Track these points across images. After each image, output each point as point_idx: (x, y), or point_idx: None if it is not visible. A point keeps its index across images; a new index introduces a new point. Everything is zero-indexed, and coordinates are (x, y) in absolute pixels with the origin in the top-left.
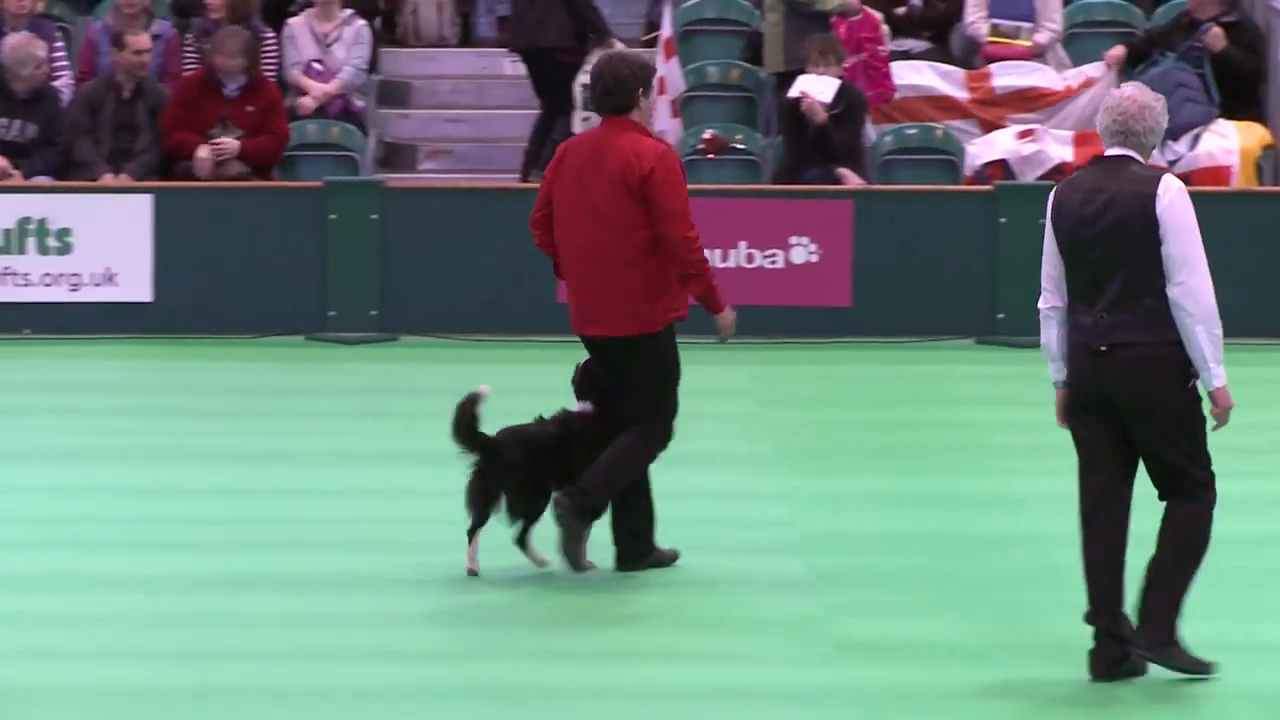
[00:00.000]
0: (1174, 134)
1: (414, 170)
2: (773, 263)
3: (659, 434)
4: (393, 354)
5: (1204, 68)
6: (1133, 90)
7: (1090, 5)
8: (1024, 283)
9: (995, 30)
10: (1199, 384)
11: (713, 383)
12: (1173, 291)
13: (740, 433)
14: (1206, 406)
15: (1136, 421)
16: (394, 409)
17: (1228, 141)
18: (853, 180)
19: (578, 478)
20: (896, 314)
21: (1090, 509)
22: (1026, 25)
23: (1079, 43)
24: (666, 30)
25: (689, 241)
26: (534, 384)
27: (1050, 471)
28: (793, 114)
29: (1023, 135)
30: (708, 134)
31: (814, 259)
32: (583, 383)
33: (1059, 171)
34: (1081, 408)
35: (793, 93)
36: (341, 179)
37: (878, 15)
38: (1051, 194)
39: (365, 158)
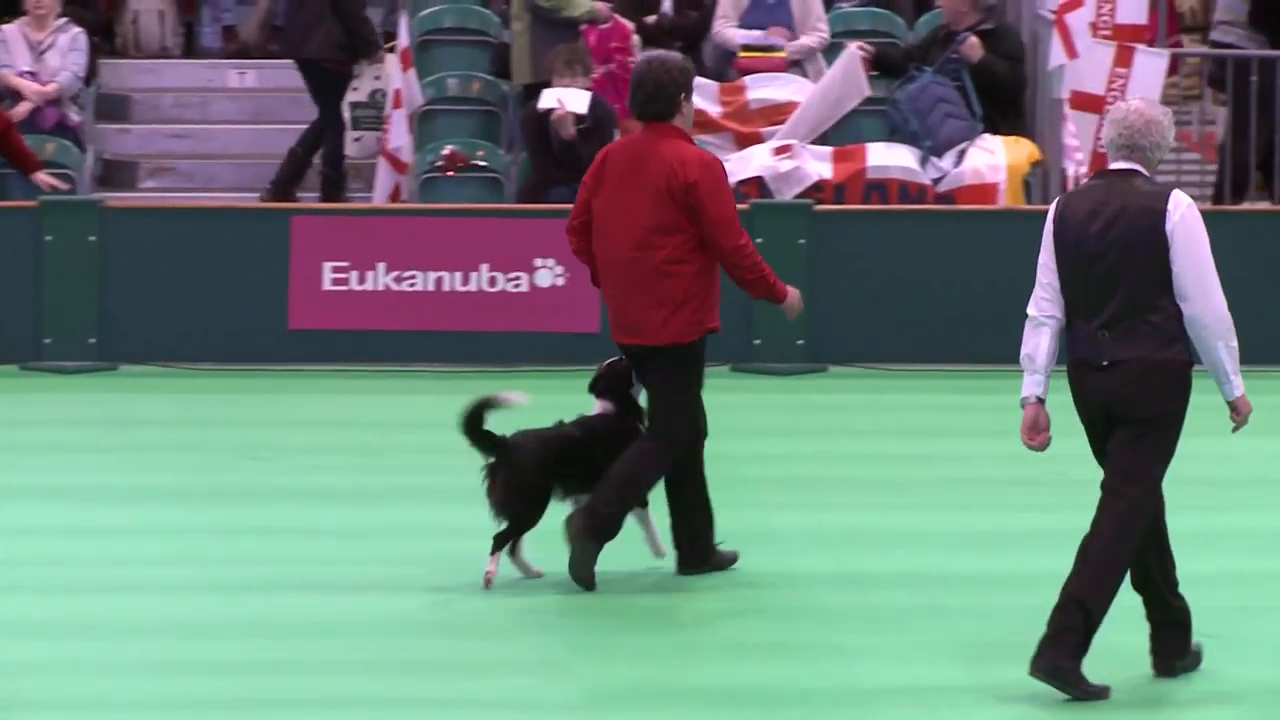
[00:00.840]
0: (938, 151)
1: (135, 189)
2: (516, 286)
3: (674, 442)
4: (112, 384)
5: (963, 80)
6: (1140, 104)
7: (850, 15)
8: (778, 308)
9: (747, 45)
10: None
11: (444, 413)
12: (1190, 310)
13: (474, 465)
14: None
15: (1125, 428)
16: (113, 442)
17: (994, 158)
18: None
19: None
20: None
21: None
22: (779, 40)
23: (839, 53)
24: (403, 40)
25: (741, 249)
26: (269, 416)
27: (808, 506)
28: (538, 128)
29: (780, 151)
30: (447, 150)
31: (560, 282)
32: (605, 383)
33: (817, 189)
34: (1088, 427)
35: (544, 104)
36: (57, 198)
37: (629, 24)
38: (1053, 205)
39: (83, 176)
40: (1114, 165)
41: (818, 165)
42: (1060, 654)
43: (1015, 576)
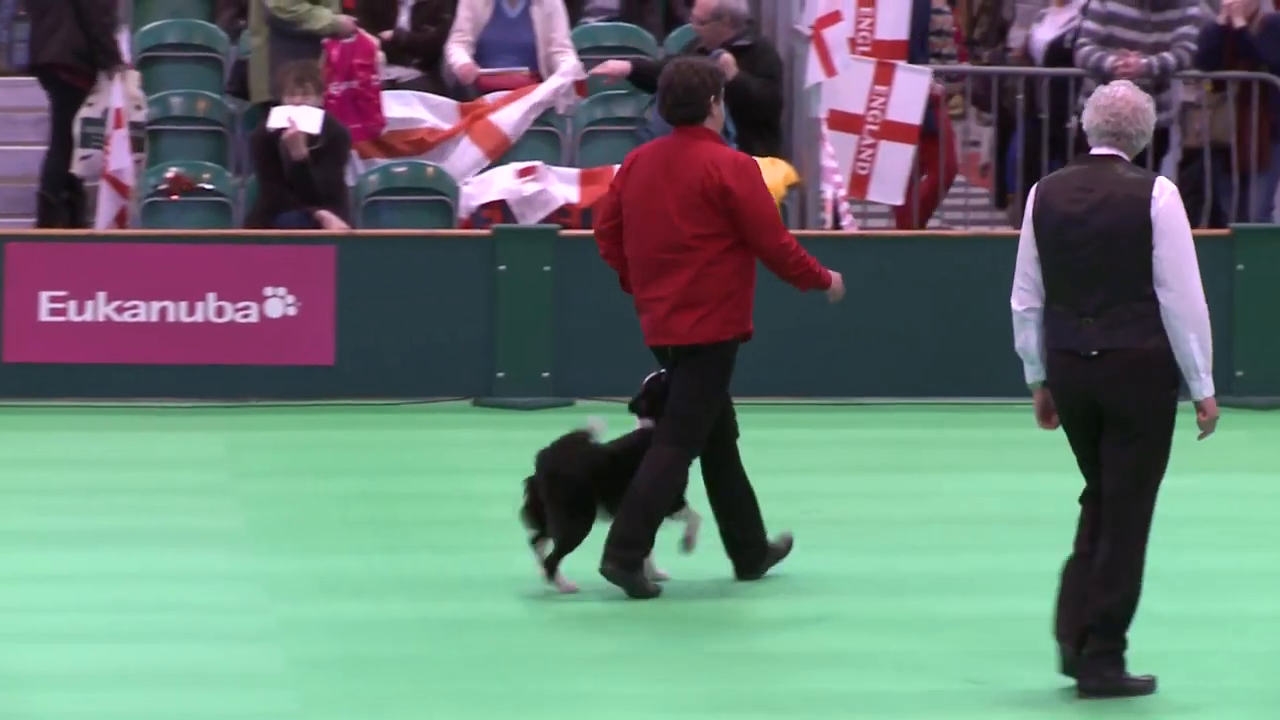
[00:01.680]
0: None
1: None
2: (246, 316)
3: (692, 446)
4: None
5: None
6: (1126, 91)
7: (597, 30)
8: (523, 339)
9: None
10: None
11: (180, 451)
12: (1165, 297)
13: (210, 507)
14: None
15: (1115, 425)
16: None
17: None
18: (335, 224)
19: None
20: (384, 373)
21: (1079, 541)
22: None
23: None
24: (125, 56)
25: (785, 249)
26: None
27: None
28: (268, 149)
29: (524, 173)
30: (171, 172)
31: (292, 312)
32: (646, 402)
33: (563, 213)
34: (1069, 418)
35: (274, 123)
36: None
37: (374, 40)
38: (1033, 191)
39: None
40: (1096, 150)
41: (563, 188)
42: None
43: (786, 620)
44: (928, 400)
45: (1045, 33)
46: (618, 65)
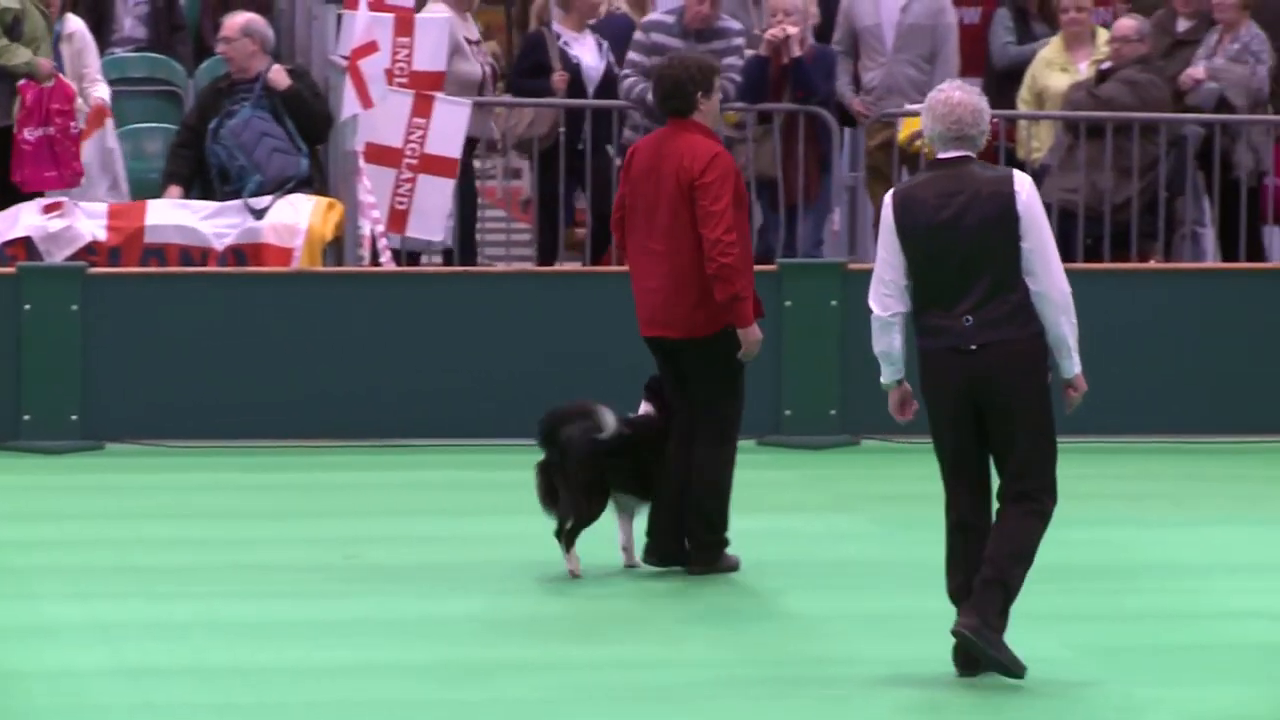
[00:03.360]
0: (267, 187)
1: None
2: None
3: (729, 424)
4: None
5: (282, 116)
6: (961, 94)
7: (125, 61)
8: (50, 381)
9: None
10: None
11: None
12: (1037, 285)
13: None
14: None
15: (1002, 418)
16: None
17: (298, 219)
18: None
19: (646, 479)
20: None
21: (960, 520)
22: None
23: (121, 101)
24: None
25: (720, 244)
26: None
27: (84, 595)
28: None
29: (50, 209)
30: None
31: None
32: (649, 388)
33: (91, 251)
34: (949, 415)
35: None
36: None
37: (74, 86)
38: (890, 201)
39: None
40: (945, 154)
41: (91, 225)
42: (988, 612)
43: (310, 669)
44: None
45: (591, 60)
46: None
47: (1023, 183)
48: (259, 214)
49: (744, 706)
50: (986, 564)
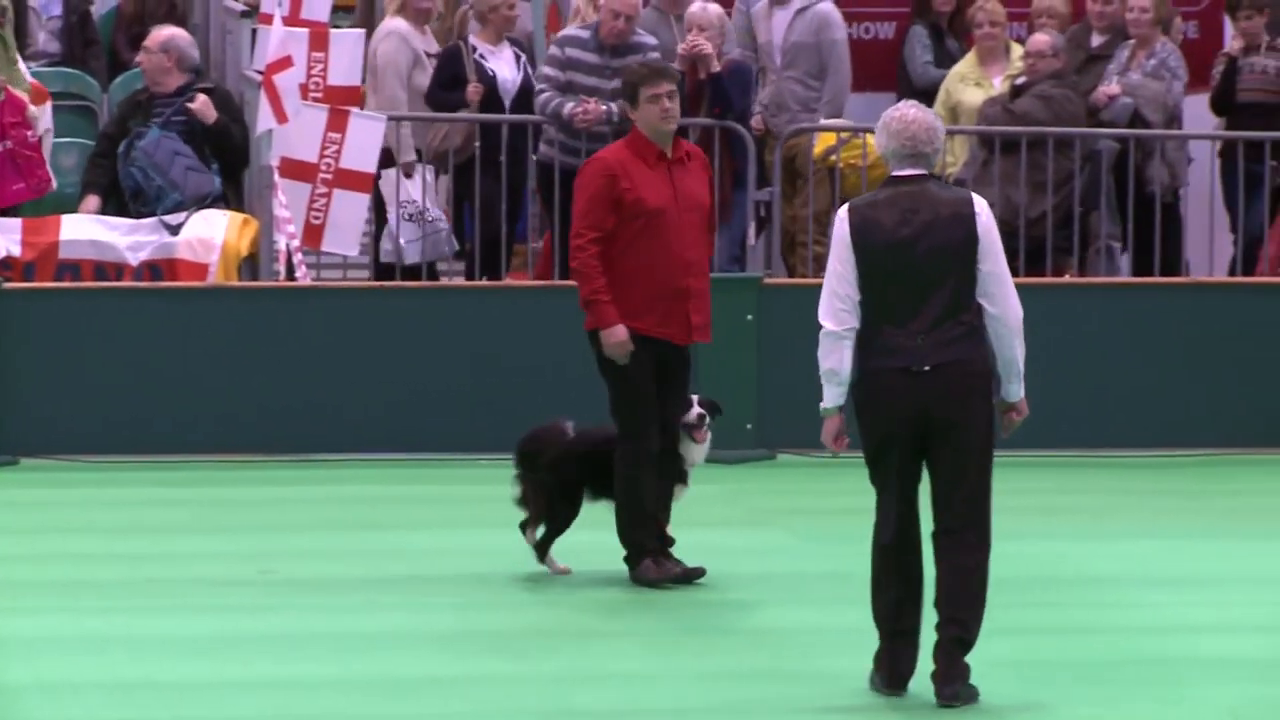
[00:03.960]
0: (185, 205)
1: None
2: None
3: (622, 428)
4: None
5: (193, 137)
6: (915, 111)
7: (39, 75)
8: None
9: None
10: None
11: None
12: (994, 308)
13: None
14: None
15: (947, 442)
16: None
17: (213, 235)
18: None
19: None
20: None
21: (895, 539)
22: None
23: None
24: None
25: (572, 247)
26: None
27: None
28: None
29: None
30: None
31: None
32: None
33: (5, 266)
34: (891, 435)
35: None
36: None
37: (24, 97)
38: (845, 217)
39: None
40: (901, 172)
41: (4, 240)
42: (962, 675)
43: (225, 683)
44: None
45: (508, 73)
46: None
47: (981, 205)
48: (174, 230)
49: None
50: (949, 622)
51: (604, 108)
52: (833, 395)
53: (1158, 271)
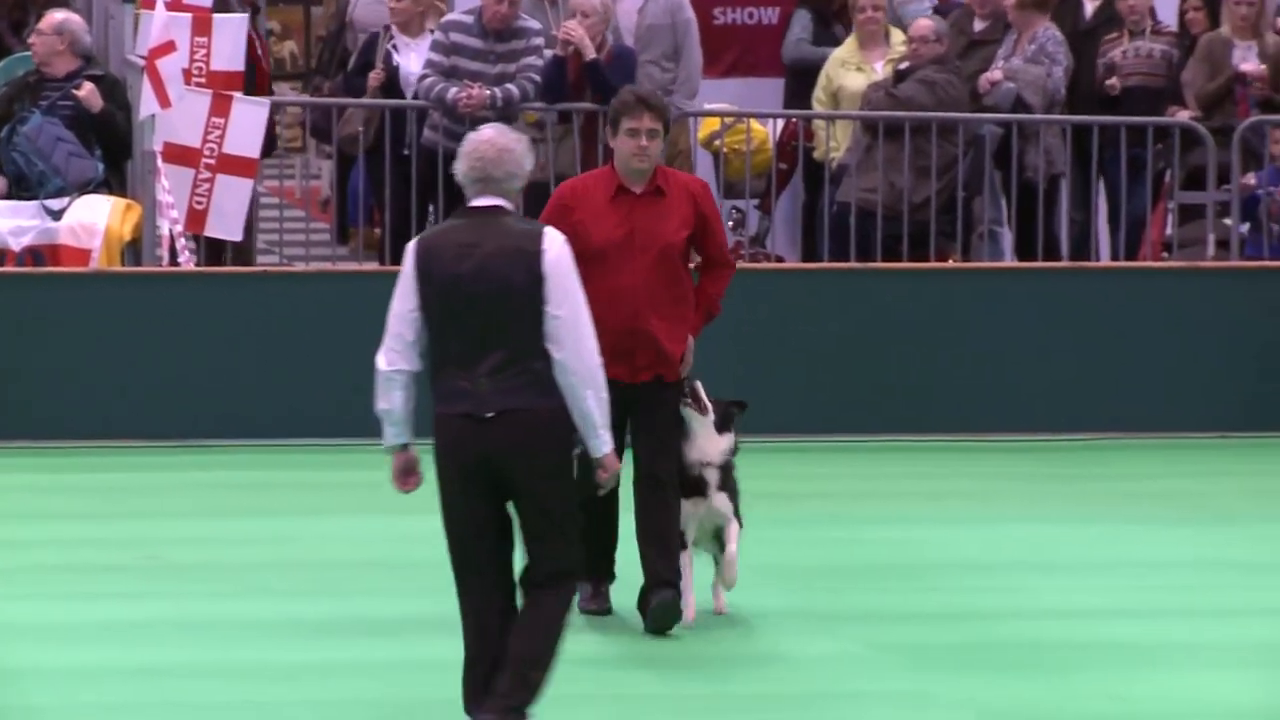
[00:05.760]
0: (68, 190)
1: None
2: None
3: None
4: None
5: (76, 122)
6: (491, 133)
7: None
8: None
9: None
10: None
11: None
12: (560, 354)
13: None
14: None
15: (521, 495)
16: None
17: (96, 219)
18: None
19: None
20: None
21: (476, 614)
22: None
23: None
24: None
25: None
26: None
27: None
28: None
29: None
30: None
31: None
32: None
33: None
34: (463, 481)
35: None
36: None
37: None
38: (413, 248)
39: None
40: (475, 202)
41: None
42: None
43: (107, 669)
44: (273, 442)
45: (415, 65)
46: None
47: (553, 241)
48: (57, 215)
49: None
50: (511, 660)
51: (487, 93)
52: (389, 435)
53: (1040, 256)
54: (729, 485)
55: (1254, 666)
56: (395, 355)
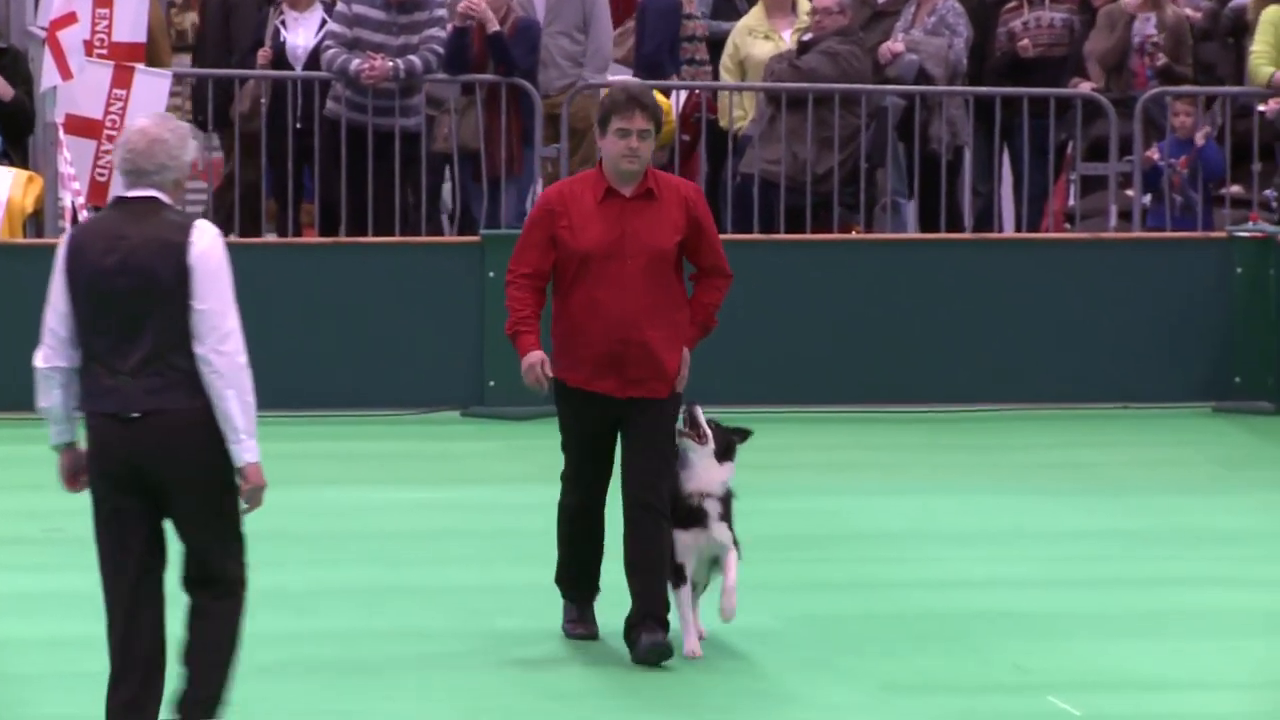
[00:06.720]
0: None
1: None
2: None
3: (561, 498)
4: None
5: None
6: (145, 123)
7: None
8: None
9: None
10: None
11: None
12: (201, 350)
13: None
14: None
15: (173, 500)
16: None
17: None
18: None
19: None
20: None
21: (118, 598)
22: None
23: None
24: None
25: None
26: None
27: None
28: None
29: None
30: None
31: None
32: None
33: None
34: (114, 484)
35: None
36: None
37: None
38: (65, 240)
39: None
40: (129, 193)
41: None
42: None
43: (9, 641)
44: None
45: (303, 39)
46: None
47: (203, 233)
48: None
49: (449, 679)
50: (183, 670)
51: (390, 64)
52: (53, 434)
53: (943, 227)
54: (728, 516)
55: (1152, 636)
56: (51, 352)
